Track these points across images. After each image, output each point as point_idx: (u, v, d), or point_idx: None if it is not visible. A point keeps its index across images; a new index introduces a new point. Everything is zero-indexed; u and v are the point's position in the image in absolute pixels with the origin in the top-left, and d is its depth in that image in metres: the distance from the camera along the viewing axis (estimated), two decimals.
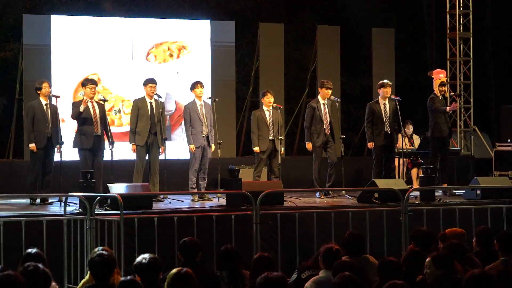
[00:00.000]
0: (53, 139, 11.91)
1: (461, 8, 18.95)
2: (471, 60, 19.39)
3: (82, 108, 11.99)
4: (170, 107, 15.29)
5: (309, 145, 13.35)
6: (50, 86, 12.27)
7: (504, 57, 23.56)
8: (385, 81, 13.72)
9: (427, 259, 5.22)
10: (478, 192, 12.21)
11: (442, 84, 13.67)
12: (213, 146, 13.08)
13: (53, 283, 6.00)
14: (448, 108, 13.72)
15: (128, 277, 5.82)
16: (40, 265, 6.01)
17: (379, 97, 13.23)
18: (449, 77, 18.83)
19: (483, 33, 21.35)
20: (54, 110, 12.04)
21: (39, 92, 12.09)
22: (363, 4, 23.42)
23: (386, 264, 4.94)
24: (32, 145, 11.80)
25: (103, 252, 6.72)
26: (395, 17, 23.05)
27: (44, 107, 11.97)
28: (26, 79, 14.48)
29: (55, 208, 11.14)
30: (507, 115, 18.24)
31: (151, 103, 12.60)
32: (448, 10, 19.27)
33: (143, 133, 12.46)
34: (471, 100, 19.45)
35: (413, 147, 15.77)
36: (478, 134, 18.94)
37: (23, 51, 15.71)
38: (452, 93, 17.78)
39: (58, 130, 12.17)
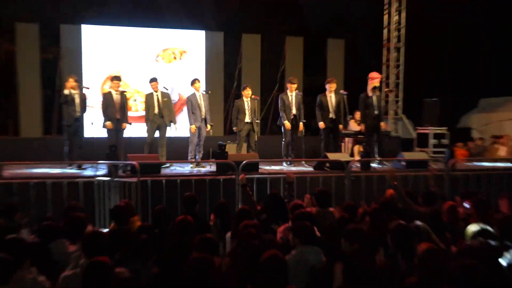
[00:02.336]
0: (81, 120, 11.96)
1: (396, 24, 18.66)
2: (401, 65, 19.03)
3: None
4: (174, 97, 14.64)
5: (287, 124, 13.11)
6: (76, 80, 11.91)
7: (426, 62, 23.67)
8: (329, 78, 13.62)
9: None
10: (404, 163, 12.43)
11: (374, 88, 13.23)
12: (208, 126, 13.02)
13: (89, 226, 5.91)
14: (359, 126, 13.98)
15: (145, 223, 6.62)
16: (80, 213, 5.91)
17: (326, 91, 13.10)
18: (385, 77, 18.77)
19: (411, 44, 21.50)
20: (83, 98, 11.91)
21: (66, 84, 11.99)
22: (322, 18, 22.34)
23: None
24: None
25: (122, 203, 6.87)
26: (352, 28, 22.32)
27: (73, 95, 11.71)
28: (63, 75, 14.10)
29: (89, 172, 11.05)
30: (426, 106, 17.73)
31: (157, 95, 12.62)
32: (384, 25, 19.04)
33: (152, 118, 12.46)
34: (400, 95, 19.21)
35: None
36: (405, 121, 18.86)
37: (61, 53, 15.38)
38: (386, 89, 18.49)
39: (83, 114, 12.20)
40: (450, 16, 24.80)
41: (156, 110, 12.24)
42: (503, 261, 4.57)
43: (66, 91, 11.41)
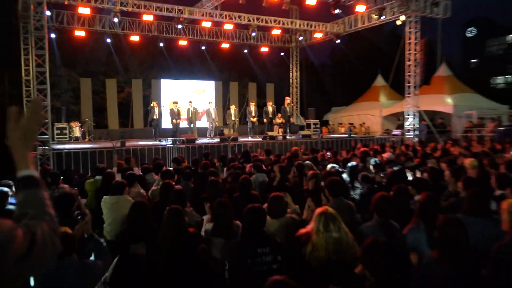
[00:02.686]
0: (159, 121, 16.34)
1: (295, 78, 24.55)
2: (299, 91, 24.90)
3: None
4: (199, 110, 18.90)
5: (252, 119, 17.81)
6: (157, 103, 16.50)
7: (309, 91, 29.94)
8: (268, 101, 18.64)
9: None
10: (300, 136, 17.09)
11: (286, 105, 18.52)
12: (216, 122, 17.47)
13: (164, 167, 8.37)
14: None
15: (188, 165, 8.73)
16: (160, 160, 8.43)
17: (267, 106, 17.85)
18: (292, 98, 23.34)
19: (303, 83, 27.06)
20: (160, 110, 16.45)
21: (153, 104, 16.58)
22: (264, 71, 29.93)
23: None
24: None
25: (179, 156, 9.37)
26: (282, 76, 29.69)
27: (154, 108, 16.08)
28: (150, 101, 17.41)
29: (164, 143, 13.71)
30: (310, 111, 22.52)
31: (189, 109, 16.80)
32: (291, 81, 24.21)
33: (189, 119, 16.71)
34: (298, 105, 24.04)
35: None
36: (300, 117, 23.76)
37: (151, 91, 21.14)
38: (292, 104, 22.83)
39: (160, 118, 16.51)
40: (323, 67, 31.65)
41: (190, 115, 16.85)
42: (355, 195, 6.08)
43: (151, 109, 16.36)
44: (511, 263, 3.08)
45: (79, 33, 18.59)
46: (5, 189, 5.05)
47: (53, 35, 18.24)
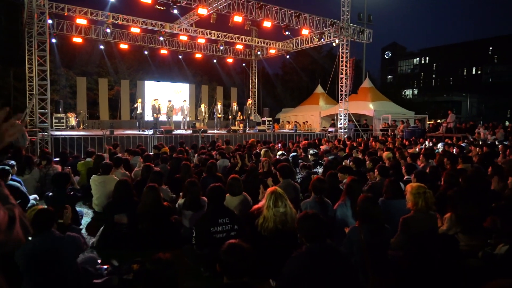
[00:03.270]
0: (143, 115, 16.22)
1: (253, 84, 24.14)
2: (254, 93, 25.32)
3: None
4: (176, 107, 18.74)
5: (218, 115, 17.75)
6: (141, 101, 15.63)
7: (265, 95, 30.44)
8: (233, 102, 19.15)
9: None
10: (257, 130, 16.61)
11: (247, 105, 18.23)
12: (189, 117, 17.50)
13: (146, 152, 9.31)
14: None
15: (166, 149, 10.77)
16: (142, 146, 11.57)
17: (233, 104, 18.64)
18: (252, 100, 22.01)
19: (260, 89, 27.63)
20: (143, 107, 16.23)
21: (138, 100, 15.87)
22: (229, 77, 29.56)
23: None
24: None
25: (159, 144, 9.65)
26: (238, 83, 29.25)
27: (139, 105, 15.37)
28: (136, 99, 16.72)
29: (146, 133, 12.81)
30: (265, 111, 23.63)
31: (168, 105, 16.44)
32: (250, 88, 23.80)
33: (167, 114, 16.42)
34: (255, 106, 23.11)
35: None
36: (257, 115, 22.34)
37: (136, 91, 20.27)
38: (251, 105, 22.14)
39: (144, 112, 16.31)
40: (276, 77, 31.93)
41: (169, 110, 16.49)
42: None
43: (136, 105, 15.75)
44: (412, 231, 3.20)
45: (77, 39, 17.79)
46: (7, 167, 4.86)
47: (54, 40, 17.46)
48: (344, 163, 6.28)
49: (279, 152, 7.81)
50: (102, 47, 18.99)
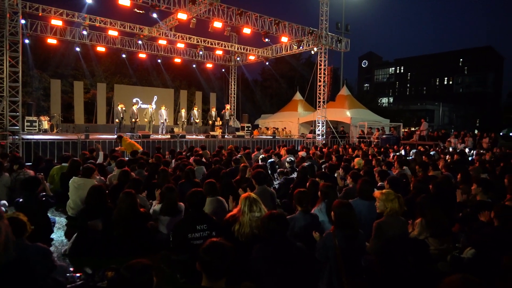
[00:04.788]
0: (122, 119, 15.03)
1: (232, 90, 24.81)
2: (235, 97, 24.75)
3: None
4: (154, 111, 17.33)
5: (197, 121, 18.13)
6: (123, 105, 14.97)
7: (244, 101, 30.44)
8: (212, 107, 19.19)
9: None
10: (236, 135, 16.92)
11: (226, 110, 18.00)
12: (167, 122, 16.79)
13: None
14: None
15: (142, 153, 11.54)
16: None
17: (210, 110, 18.62)
18: (230, 106, 22.81)
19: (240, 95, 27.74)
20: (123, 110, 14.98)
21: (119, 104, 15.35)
22: (209, 83, 29.73)
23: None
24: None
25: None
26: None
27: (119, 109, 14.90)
28: (114, 104, 16.43)
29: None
30: (244, 117, 23.44)
31: (146, 109, 16.34)
32: (229, 92, 24.39)
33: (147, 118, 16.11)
34: (234, 112, 23.98)
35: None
36: (236, 121, 22.71)
37: (114, 94, 19.52)
38: (230, 111, 21.77)
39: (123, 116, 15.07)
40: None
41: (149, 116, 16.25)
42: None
43: (118, 108, 15.20)
44: (385, 235, 3.30)
45: (51, 41, 17.34)
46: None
47: (27, 41, 16.98)
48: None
49: (260, 156, 7.82)
50: (78, 49, 18.49)
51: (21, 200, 4.21)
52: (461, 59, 77.00)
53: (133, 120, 15.49)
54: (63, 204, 5.48)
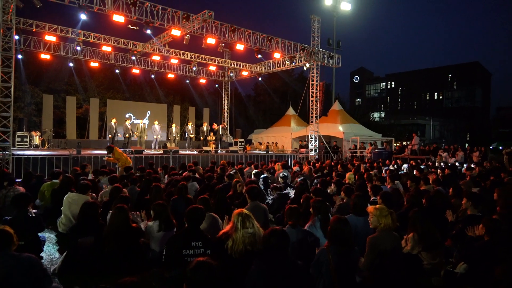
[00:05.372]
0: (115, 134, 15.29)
1: (226, 105, 24.28)
2: (228, 116, 25.71)
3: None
4: (147, 127, 17.76)
5: (191, 136, 17.81)
6: (116, 120, 15.43)
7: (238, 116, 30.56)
8: (203, 122, 18.88)
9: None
10: (229, 150, 17.47)
11: (223, 128, 18.63)
12: (160, 137, 16.95)
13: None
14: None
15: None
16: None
17: (203, 126, 18.00)
18: (225, 121, 23.46)
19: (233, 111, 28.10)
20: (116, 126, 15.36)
21: (111, 119, 15.75)
22: (202, 98, 30.04)
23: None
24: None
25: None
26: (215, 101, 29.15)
27: (112, 124, 15.25)
28: (107, 119, 17.04)
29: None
30: (237, 132, 23.57)
31: (139, 125, 16.32)
32: (223, 109, 24.26)
33: (138, 133, 16.11)
34: (228, 127, 24.76)
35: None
36: (230, 136, 22.80)
37: (107, 109, 19.61)
38: (225, 127, 21.51)
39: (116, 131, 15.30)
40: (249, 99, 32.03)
41: (140, 131, 16.38)
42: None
43: (111, 123, 15.59)
44: (378, 250, 3.31)
45: (44, 56, 17.34)
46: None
47: (20, 56, 16.93)
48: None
49: (253, 172, 7.82)
50: (71, 64, 18.46)
51: (9, 218, 4.15)
52: (449, 75, 78.49)
53: (127, 135, 15.41)
54: (53, 221, 5.40)
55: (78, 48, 16.37)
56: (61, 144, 17.60)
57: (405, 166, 10.85)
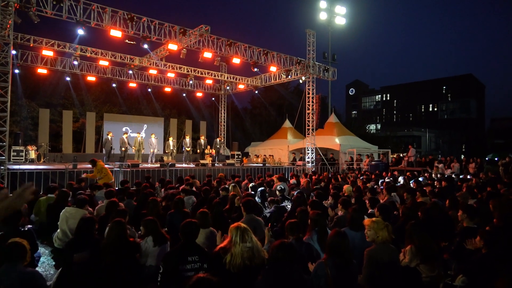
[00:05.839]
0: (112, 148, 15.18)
1: (223, 118, 24.36)
2: (225, 125, 25.23)
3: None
4: (144, 140, 17.42)
5: (187, 149, 18.25)
6: (112, 134, 15.28)
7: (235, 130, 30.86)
8: (201, 135, 18.71)
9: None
10: (226, 163, 17.60)
11: (219, 140, 19.00)
12: (157, 150, 16.86)
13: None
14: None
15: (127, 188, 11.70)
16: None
17: (200, 139, 18.06)
18: (222, 136, 23.55)
19: (230, 124, 27.52)
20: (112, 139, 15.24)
21: (108, 133, 15.50)
22: (199, 111, 29.78)
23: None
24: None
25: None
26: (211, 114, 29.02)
27: (109, 138, 15.03)
28: (103, 132, 16.52)
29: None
30: (234, 145, 23.42)
31: (136, 138, 16.09)
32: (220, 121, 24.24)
33: (137, 147, 15.85)
34: (225, 139, 23.64)
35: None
36: (227, 149, 22.69)
37: (103, 122, 20.00)
38: (221, 140, 22.06)
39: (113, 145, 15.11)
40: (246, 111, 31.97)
41: (138, 144, 16.08)
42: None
43: (108, 137, 15.36)
44: (377, 263, 3.30)
45: (41, 70, 17.40)
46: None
47: (17, 71, 16.93)
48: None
49: (250, 184, 7.83)
50: (68, 78, 18.57)
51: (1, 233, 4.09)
52: (444, 87, 79.40)
53: (123, 149, 15.38)
54: (49, 236, 5.34)
55: (75, 62, 16.52)
56: (57, 158, 17.56)
57: (400, 178, 10.86)
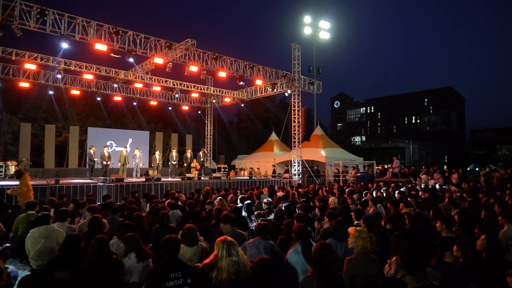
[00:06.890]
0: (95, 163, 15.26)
1: (209, 131, 24.10)
2: (211, 143, 25.20)
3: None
4: (129, 154, 16.87)
5: (173, 163, 17.81)
6: (95, 148, 15.17)
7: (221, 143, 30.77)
8: (187, 148, 19.02)
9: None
10: (212, 176, 17.57)
11: (204, 152, 18.95)
12: (141, 164, 16.80)
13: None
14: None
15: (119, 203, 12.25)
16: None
17: (186, 152, 19.48)
18: (207, 148, 23.87)
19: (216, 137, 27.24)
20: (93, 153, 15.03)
21: (90, 147, 15.45)
22: (185, 125, 30.03)
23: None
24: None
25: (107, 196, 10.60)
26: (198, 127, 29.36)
27: (93, 153, 14.96)
28: (86, 146, 16.38)
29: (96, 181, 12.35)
30: (220, 158, 23.66)
31: (121, 152, 15.99)
32: (206, 134, 24.04)
33: (123, 161, 15.73)
34: (211, 154, 24.37)
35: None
36: (213, 162, 23.75)
37: (87, 137, 19.40)
38: (207, 152, 22.58)
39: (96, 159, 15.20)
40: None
41: (123, 159, 15.99)
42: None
43: (90, 151, 15.33)
44: (355, 273, 3.32)
45: (24, 84, 17.10)
46: None
47: None
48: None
49: (240, 196, 7.80)
50: (51, 92, 18.25)
51: None
52: (425, 99, 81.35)
53: (104, 163, 15.11)
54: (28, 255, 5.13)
55: (59, 76, 16.29)
56: (38, 173, 17.13)
57: (383, 189, 10.97)
